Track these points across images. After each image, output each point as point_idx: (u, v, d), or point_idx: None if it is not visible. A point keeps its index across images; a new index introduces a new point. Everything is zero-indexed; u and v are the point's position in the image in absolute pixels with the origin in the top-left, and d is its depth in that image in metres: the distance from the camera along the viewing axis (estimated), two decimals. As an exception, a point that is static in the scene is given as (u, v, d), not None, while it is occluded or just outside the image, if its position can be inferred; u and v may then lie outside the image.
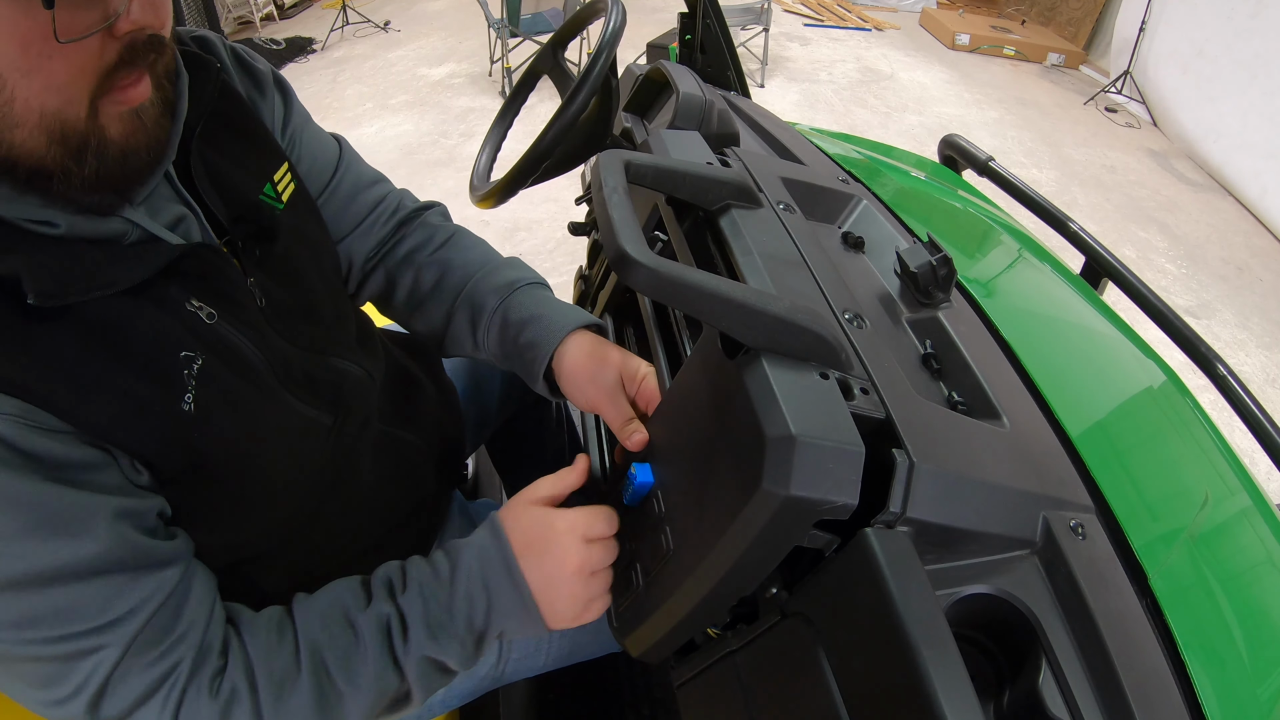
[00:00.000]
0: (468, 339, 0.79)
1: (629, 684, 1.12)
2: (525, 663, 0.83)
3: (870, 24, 5.59)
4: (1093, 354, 0.81)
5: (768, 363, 0.46)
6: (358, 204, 0.78)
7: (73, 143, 0.44)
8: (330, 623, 0.56)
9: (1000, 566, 0.47)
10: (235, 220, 0.58)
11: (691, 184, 0.64)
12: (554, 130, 0.79)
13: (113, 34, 0.42)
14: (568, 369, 0.71)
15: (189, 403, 0.50)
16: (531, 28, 4.06)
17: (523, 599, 0.57)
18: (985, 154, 1.18)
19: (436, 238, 0.82)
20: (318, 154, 0.75)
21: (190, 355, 0.50)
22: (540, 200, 3.05)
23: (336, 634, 0.56)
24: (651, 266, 0.44)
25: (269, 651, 0.54)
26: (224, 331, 0.53)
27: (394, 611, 0.57)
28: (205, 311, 0.52)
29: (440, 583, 0.58)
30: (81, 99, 0.43)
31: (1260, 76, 3.55)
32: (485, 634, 0.58)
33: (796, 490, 0.41)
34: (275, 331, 0.59)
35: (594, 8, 0.84)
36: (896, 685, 0.39)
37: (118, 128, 0.45)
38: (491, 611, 0.58)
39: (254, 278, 0.58)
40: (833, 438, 0.42)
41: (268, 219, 0.61)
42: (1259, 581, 0.63)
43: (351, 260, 0.81)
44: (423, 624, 0.56)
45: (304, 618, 0.57)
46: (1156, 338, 0.87)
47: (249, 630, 0.55)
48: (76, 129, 0.43)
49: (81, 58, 0.42)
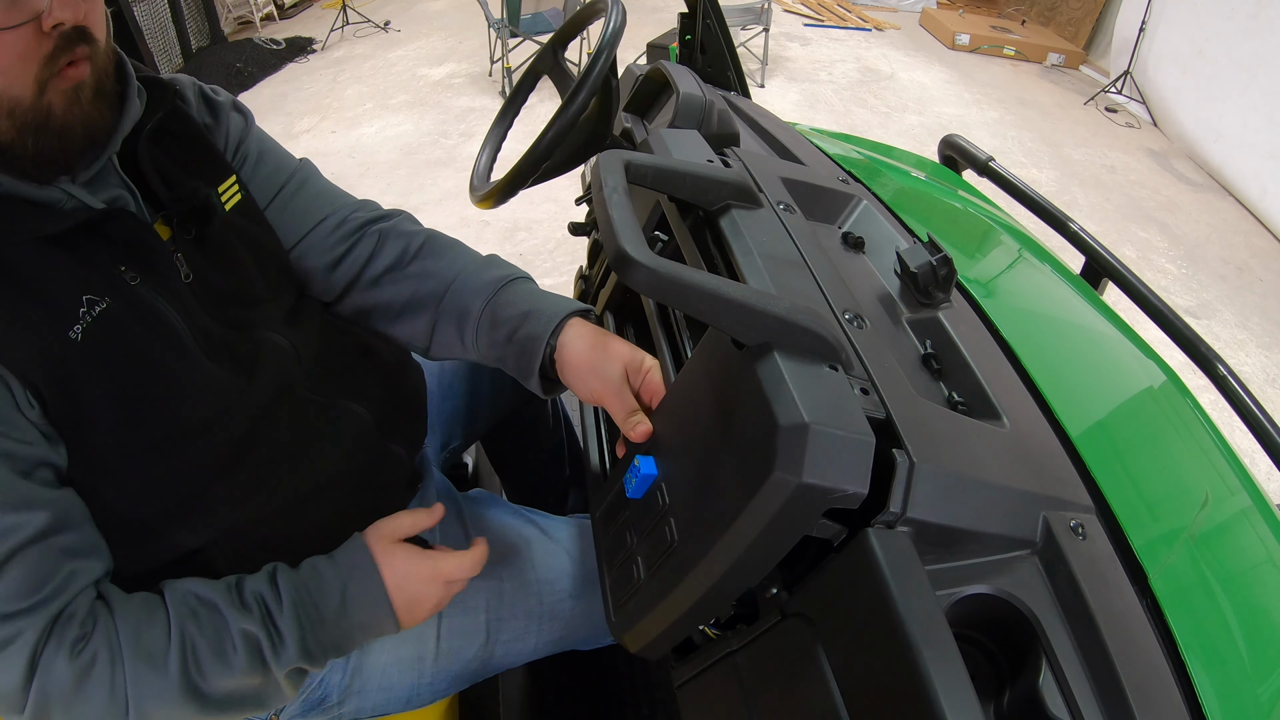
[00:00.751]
0: (455, 343, 0.79)
1: (629, 683, 1.12)
2: (515, 646, 0.82)
3: (870, 24, 5.59)
4: (1093, 354, 0.81)
5: (779, 354, 0.46)
6: (308, 215, 0.82)
7: (19, 118, 0.52)
8: (199, 612, 0.60)
9: (1000, 566, 0.47)
10: (174, 200, 0.66)
11: (691, 184, 0.64)
12: (554, 130, 0.79)
13: (42, 28, 0.51)
14: (570, 360, 0.71)
15: (76, 333, 0.55)
16: (531, 28, 4.06)
17: (393, 617, 0.67)
18: (985, 154, 1.18)
19: (410, 248, 0.83)
20: (270, 169, 0.79)
21: (94, 299, 0.57)
22: (540, 200, 3.05)
23: (205, 623, 0.59)
24: (651, 266, 0.44)
25: (138, 626, 0.57)
26: (145, 294, 0.60)
27: (265, 634, 0.61)
28: (129, 275, 0.59)
29: (314, 601, 0.64)
30: (27, 82, 0.52)
31: (1260, 76, 3.55)
32: (348, 645, 0.66)
33: (809, 477, 0.41)
34: (200, 306, 0.65)
35: (594, 8, 0.84)
36: (897, 685, 0.39)
37: (60, 103, 0.54)
38: (365, 631, 0.66)
39: (183, 253, 0.65)
40: (845, 427, 0.42)
41: (203, 202, 0.68)
42: (1259, 581, 0.63)
43: (308, 269, 0.82)
44: (298, 645, 0.62)
45: (175, 599, 0.60)
46: (1156, 338, 0.87)
47: (119, 604, 0.58)
48: (23, 105, 0.52)
49: (20, 45, 0.50)
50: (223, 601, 0.61)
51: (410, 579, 0.67)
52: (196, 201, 0.67)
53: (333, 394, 0.76)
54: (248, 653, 0.60)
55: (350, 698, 0.78)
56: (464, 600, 0.79)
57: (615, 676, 1.12)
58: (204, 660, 0.58)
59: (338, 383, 0.78)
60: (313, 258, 0.82)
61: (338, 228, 0.82)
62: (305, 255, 0.81)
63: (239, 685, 0.61)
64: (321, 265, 0.82)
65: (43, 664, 0.53)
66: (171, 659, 0.57)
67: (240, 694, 0.61)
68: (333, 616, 0.64)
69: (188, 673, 0.57)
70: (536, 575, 0.83)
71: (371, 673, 0.78)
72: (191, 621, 0.59)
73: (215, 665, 0.58)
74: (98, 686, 0.54)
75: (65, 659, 0.53)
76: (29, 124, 0.53)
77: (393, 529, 0.70)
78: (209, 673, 0.58)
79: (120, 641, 0.56)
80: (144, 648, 0.56)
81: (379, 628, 0.66)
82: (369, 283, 0.83)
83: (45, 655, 0.53)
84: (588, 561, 0.85)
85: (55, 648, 0.53)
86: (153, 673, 0.56)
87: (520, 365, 0.74)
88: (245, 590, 0.62)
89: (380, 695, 0.79)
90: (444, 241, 0.85)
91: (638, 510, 0.60)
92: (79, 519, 0.58)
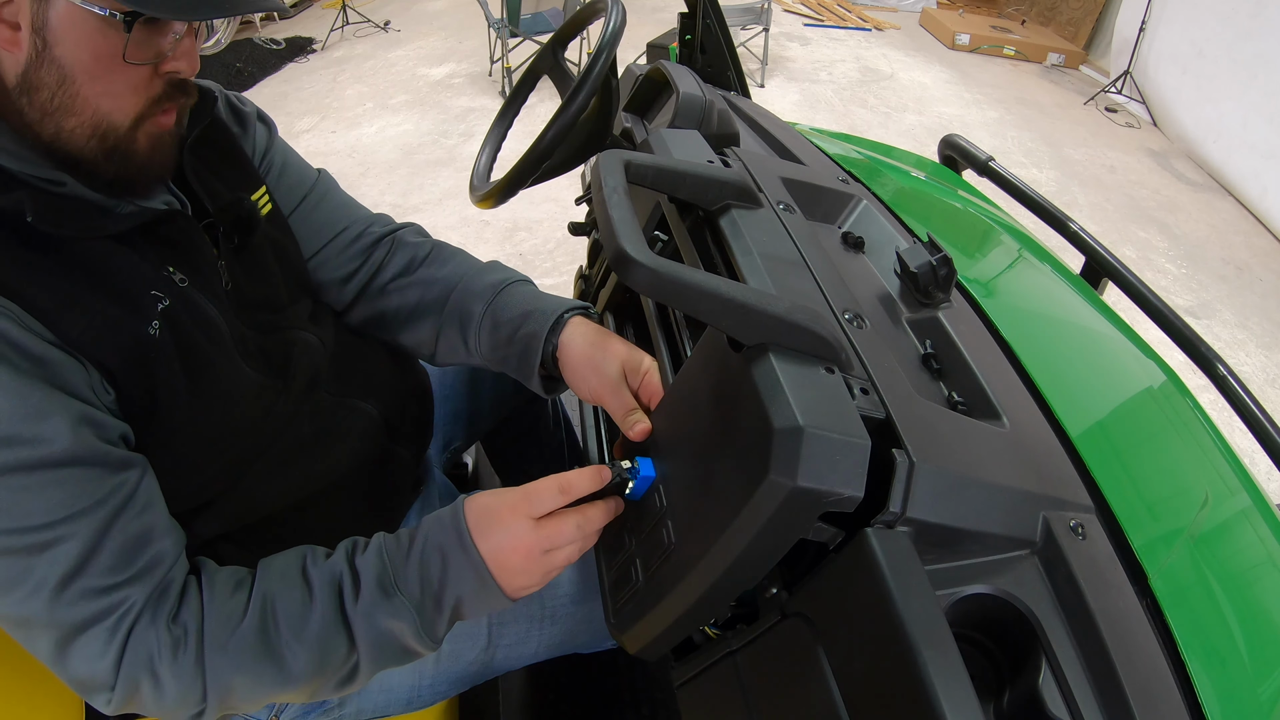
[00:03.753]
0: (460, 348, 0.81)
1: (629, 684, 1.12)
2: (516, 650, 0.82)
3: (870, 24, 5.59)
4: (1093, 354, 0.81)
5: (775, 356, 0.46)
6: (327, 227, 0.84)
7: (109, 143, 0.55)
8: (286, 575, 0.59)
9: (1000, 566, 0.47)
10: (220, 210, 0.67)
11: (691, 184, 0.64)
12: (554, 130, 0.79)
13: (159, 71, 0.55)
14: (570, 357, 0.71)
15: (155, 328, 0.56)
16: (531, 28, 4.05)
17: (475, 567, 0.58)
18: (985, 154, 1.18)
19: (417, 257, 0.85)
20: (294, 179, 0.81)
21: (159, 296, 0.58)
22: (540, 200, 3.05)
23: (290, 586, 0.58)
24: (651, 266, 0.44)
25: (224, 597, 0.57)
26: (193, 295, 0.61)
27: (348, 569, 0.59)
28: (178, 276, 0.60)
29: (399, 548, 0.60)
30: (128, 112, 0.55)
31: (1260, 76, 3.55)
32: (441, 599, 0.59)
33: (803, 481, 0.41)
34: (235, 313, 0.66)
35: (594, 8, 0.84)
36: (897, 685, 0.39)
37: (146, 144, 0.57)
38: (446, 575, 0.59)
39: (225, 261, 0.66)
40: (840, 430, 0.42)
41: (249, 213, 0.69)
42: (1259, 581, 0.63)
43: (323, 279, 0.84)
44: (376, 582, 0.58)
45: (263, 571, 0.60)
46: (1156, 338, 0.87)
47: (209, 576, 0.58)
48: (116, 133, 0.55)
49: (135, 80, 0.54)
50: (305, 553, 0.61)
51: (491, 508, 0.60)
52: (242, 212, 0.69)
53: (346, 392, 0.78)
54: (327, 598, 0.57)
55: (351, 698, 0.78)
56: None
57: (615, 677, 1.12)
58: (282, 616, 0.57)
59: (350, 381, 0.79)
60: (328, 269, 0.84)
61: (354, 241, 0.84)
62: (320, 266, 0.83)
63: (319, 640, 0.57)
64: (336, 277, 0.84)
65: (137, 635, 0.52)
66: (250, 618, 0.56)
67: (321, 657, 0.57)
68: (415, 551, 0.60)
69: (266, 631, 0.56)
70: None
71: None
72: (277, 581, 0.58)
73: (294, 619, 0.56)
74: (186, 657, 0.54)
75: (164, 629, 0.53)
76: (115, 150, 0.55)
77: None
78: (287, 627, 0.56)
79: (206, 611, 0.55)
80: (226, 613, 0.56)
81: (455, 559, 0.59)
82: (377, 291, 0.85)
83: (141, 627, 0.53)
84: (589, 565, 0.85)
85: (151, 618, 0.53)
86: (231, 636, 0.55)
87: (521, 365, 0.75)
88: (338, 547, 0.62)
89: (381, 696, 0.79)
90: (448, 250, 0.87)
91: (636, 512, 0.60)
92: (159, 494, 0.58)
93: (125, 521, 0.53)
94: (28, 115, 0.52)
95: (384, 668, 0.61)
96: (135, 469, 0.55)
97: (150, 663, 0.53)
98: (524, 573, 0.59)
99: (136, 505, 0.54)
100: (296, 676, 0.57)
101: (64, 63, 0.51)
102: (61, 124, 0.53)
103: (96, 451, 0.52)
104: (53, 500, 0.50)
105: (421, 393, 0.93)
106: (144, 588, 0.53)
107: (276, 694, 0.57)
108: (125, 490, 0.53)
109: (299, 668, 0.56)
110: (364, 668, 0.59)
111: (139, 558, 0.53)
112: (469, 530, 0.59)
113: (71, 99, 0.52)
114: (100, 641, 0.51)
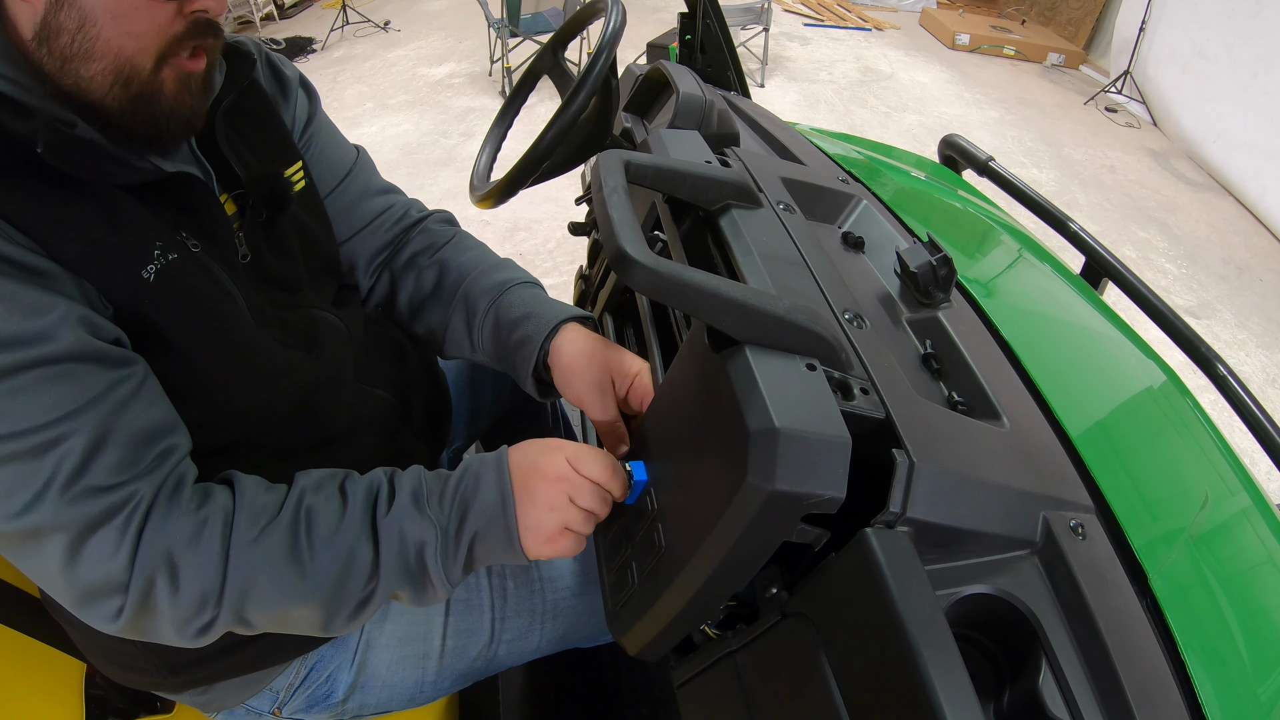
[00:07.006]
0: (464, 340, 0.81)
1: (629, 683, 1.12)
2: (519, 644, 0.83)
3: (870, 24, 5.59)
4: (1093, 354, 0.81)
5: (752, 354, 0.45)
6: (364, 208, 0.83)
7: (132, 89, 0.53)
8: (322, 486, 0.59)
9: (1000, 566, 0.47)
10: (252, 182, 0.65)
11: (691, 184, 0.64)
12: (554, 130, 0.79)
13: (183, 11, 0.53)
14: (560, 364, 0.72)
15: (149, 273, 0.55)
16: (531, 28, 4.05)
17: (501, 485, 0.59)
18: (985, 154, 1.18)
19: (438, 241, 0.86)
20: (333, 157, 0.80)
21: (164, 248, 0.56)
22: (540, 200, 3.04)
23: (328, 494, 0.58)
24: (651, 266, 0.44)
25: (257, 493, 0.57)
26: (205, 260, 0.59)
27: (386, 482, 0.60)
28: (190, 241, 0.59)
29: (439, 475, 0.62)
30: (151, 52, 0.53)
31: (1260, 76, 3.55)
32: (464, 524, 0.59)
33: (782, 484, 0.40)
34: (252, 285, 0.64)
35: (594, 8, 0.84)
36: (897, 685, 0.39)
37: (172, 88, 0.55)
38: (474, 496, 0.59)
39: (245, 233, 0.65)
40: (818, 429, 0.41)
41: (282, 189, 0.68)
42: (1259, 581, 0.63)
43: (355, 261, 0.85)
44: (410, 494, 0.59)
45: (301, 479, 0.60)
46: (1156, 338, 0.87)
47: (240, 479, 0.58)
48: (140, 77, 0.53)
49: (159, 18, 0.52)
50: (344, 473, 0.61)
51: (534, 440, 0.62)
52: (276, 187, 0.67)
53: (372, 381, 0.78)
54: (361, 507, 0.57)
55: (355, 694, 0.78)
56: (469, 598, 0.80)
57: (615, 675, 1.12)
58: (317, 518, 0.56)
59: (375, 371, 0.79)
60: (362, 250, 0.84)
61: (393, 225, 0.85)
62: (355, 247, 0.84)
63: (347, 549, 0.56)
64: (368, 258, 0.85)
65: (152, 527, 0.51)
66: (285, 514, 0.56)
67: (344, 568, 0.56)
68: (454, 476, 0.61)
69: (297, 533, 0.55)
70: (539, 573, 0.83)
71: (377, 669, 0.78)
72: (312, 490, 0.58)
73: (328, 522, 0.56)
74: (210, 545, 0.53)
75: (183, 516, 0.52)
76: (140, 96, 0.53)
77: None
78: (319, 529, 0.56)
79: (238, 504, 0.55)
80: (260, 506, 0.56)
81: (487, 483, 0.60)
82: (400, 267, 0.86)
83: (155, 519, 0.52)
84: (589, 558, 0.85)
85: (166, 510, 0.52)
86: (262, 532, 0.54)
87: (517, 368, 0.75)
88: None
89: (385, 692, 0.79)
90: (469, 241, 0.88)
91: (631, 515, 0.60)
92: (163, 395, 0.56)
93: (131, 416, 0.52)
94: (46, 65, 0.51)
95: (400, 592, 0.59)
96: (138, 365, 0.54)
97: (168, 554, 0.52)
98: (543, 504, 0.58)
99: (141, 401, 0.53)
100: (317, 587, 0.55)
101: (84, 3, 0.49)
102: (81, 71, 0.51)
103: (96, 349, 0.51)
104: (55, 397, 0.48)
105: (441, 394, 0.94)
106: (153, 481, 0.52)
107: (292, 608, 0.56)
108: (129, 385, 0.52)
109: (321, 576, 0.55)
110: (381, 588, 0.58)
111: (147, 452, 0.52)
112: (508, 451, 0.61)
113: (92, 42, 0.50)
114: (112, 540, 0.50)
